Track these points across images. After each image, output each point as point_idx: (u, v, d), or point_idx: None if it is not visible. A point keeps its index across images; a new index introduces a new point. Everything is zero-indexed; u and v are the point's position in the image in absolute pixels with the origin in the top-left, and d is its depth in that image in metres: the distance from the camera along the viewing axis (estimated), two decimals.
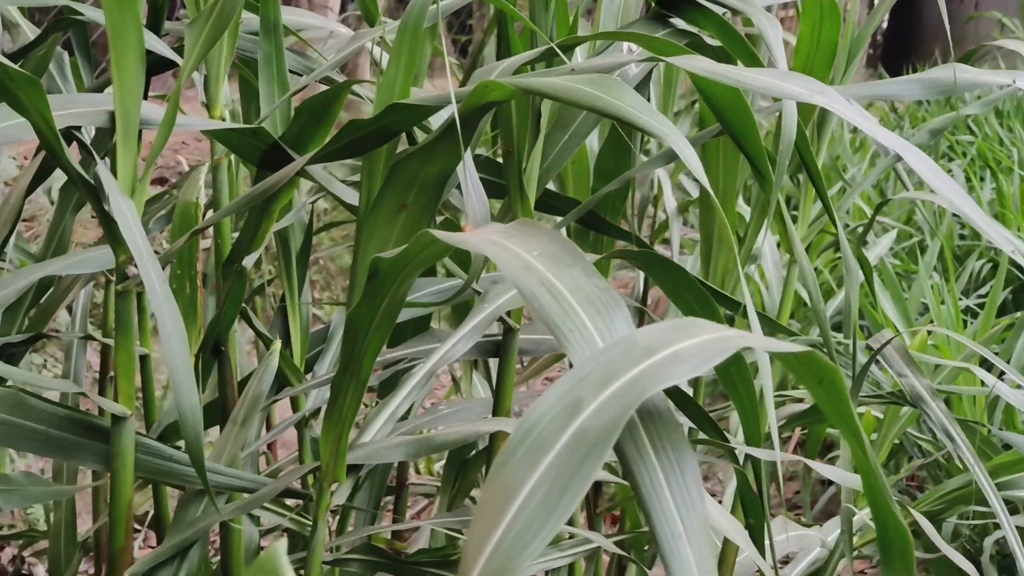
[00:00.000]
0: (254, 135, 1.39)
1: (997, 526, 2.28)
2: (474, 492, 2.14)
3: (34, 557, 2.78)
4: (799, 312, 4.08)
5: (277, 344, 1.46)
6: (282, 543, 0.65)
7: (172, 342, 1.22)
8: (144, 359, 1.86)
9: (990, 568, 2.36)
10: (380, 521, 2.62)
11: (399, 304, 1.18)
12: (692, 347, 0.83)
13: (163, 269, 1.84)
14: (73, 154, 1.51)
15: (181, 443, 1.46)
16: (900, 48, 12.25)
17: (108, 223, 1.27)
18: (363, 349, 1.21)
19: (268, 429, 2.11)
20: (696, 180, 4.22)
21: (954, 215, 4.36)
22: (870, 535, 2.05)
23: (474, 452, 1.98)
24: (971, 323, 3.55)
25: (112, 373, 1.52)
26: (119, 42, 1.28)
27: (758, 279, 3.35)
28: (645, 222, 2.87)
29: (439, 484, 2.12)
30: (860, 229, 3.42)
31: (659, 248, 3.97)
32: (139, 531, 2.75)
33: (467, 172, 1.23)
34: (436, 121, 1.46)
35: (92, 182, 1.27)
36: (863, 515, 1.89)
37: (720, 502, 1.96)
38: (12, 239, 1.71)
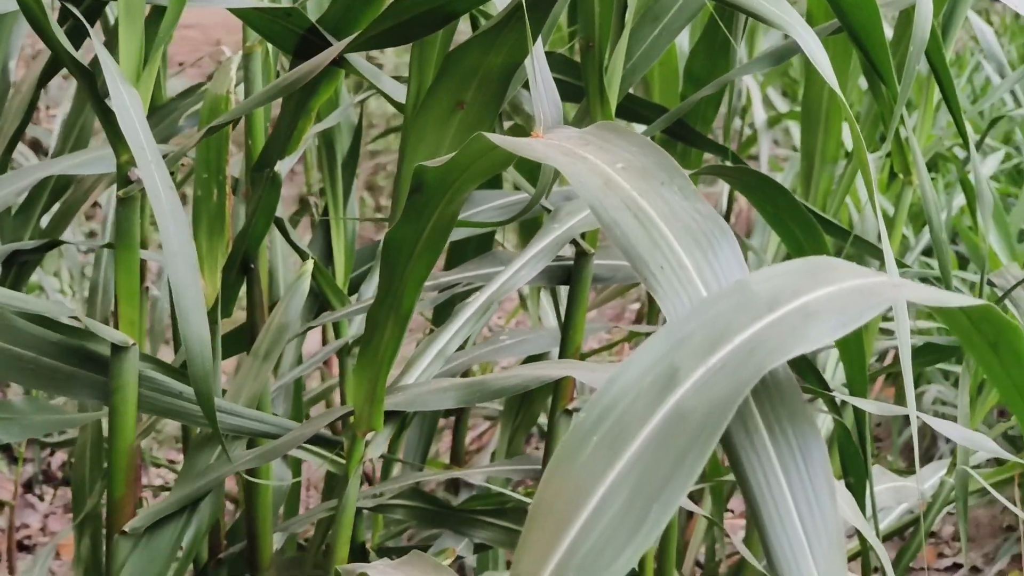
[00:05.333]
0: (287, 17, 1.18)
1: None
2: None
3: None
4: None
5: (309, 265, 1.25)
6: None
7: (177, 263, 1.02)
8: None
9: None
10: (440, 442, 2.42)
11: (449, 224, 0.97)
12: (828, 299, 0.61)
13: (179, 170, 1.64)
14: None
15: None
16: None
17: (106, 116, 1.06)
18: (404, 277, 1.00)
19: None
20: (784, 94, 3.93)
21: None
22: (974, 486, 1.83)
23: None
24: None
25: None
26: None
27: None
28: (731, 136, 2.62)
29: (501, 408, 1.92)
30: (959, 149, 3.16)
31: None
32: None
33: (537, 65, 1.00)
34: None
35: (88, 66, 1.06)
36: None
37: None
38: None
